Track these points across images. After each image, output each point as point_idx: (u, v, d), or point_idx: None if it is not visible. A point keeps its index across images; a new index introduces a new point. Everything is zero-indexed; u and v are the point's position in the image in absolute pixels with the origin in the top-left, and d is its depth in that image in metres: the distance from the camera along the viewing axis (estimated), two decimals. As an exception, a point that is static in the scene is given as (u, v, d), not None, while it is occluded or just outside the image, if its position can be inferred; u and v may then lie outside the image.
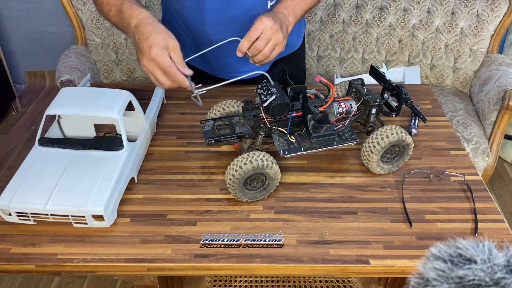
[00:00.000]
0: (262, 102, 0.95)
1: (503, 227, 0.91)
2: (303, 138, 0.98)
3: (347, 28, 2.09)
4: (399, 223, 0.91)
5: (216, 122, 1.01)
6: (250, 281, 1.50)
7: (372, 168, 1.00)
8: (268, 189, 0.96)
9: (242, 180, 0.92)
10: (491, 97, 1.85)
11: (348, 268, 0.84)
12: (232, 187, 0.93)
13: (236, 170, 0.91)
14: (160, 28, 0.95)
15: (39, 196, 0.87)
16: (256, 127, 0.98)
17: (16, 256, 0.84)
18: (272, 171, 0.93)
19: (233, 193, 0.94)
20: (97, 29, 2.06)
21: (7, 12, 2.69)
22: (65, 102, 0.99)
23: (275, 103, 0.94)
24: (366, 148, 0.99)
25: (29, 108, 2.74)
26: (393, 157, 1.02)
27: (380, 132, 0.97)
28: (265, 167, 0.92)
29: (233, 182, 0.91)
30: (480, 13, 1.98)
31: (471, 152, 1.79)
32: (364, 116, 1.04)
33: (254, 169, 0.91)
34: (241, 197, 0.95)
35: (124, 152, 0.96)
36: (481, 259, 0.42)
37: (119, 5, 1.02)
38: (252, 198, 0.96)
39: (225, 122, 1.02)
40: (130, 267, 0.84)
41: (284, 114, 0.97)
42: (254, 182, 0.95)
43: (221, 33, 1.15)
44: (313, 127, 0.97)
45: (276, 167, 0.94)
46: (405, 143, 0.98)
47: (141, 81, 2.19)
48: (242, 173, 0.90)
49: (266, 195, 0.97)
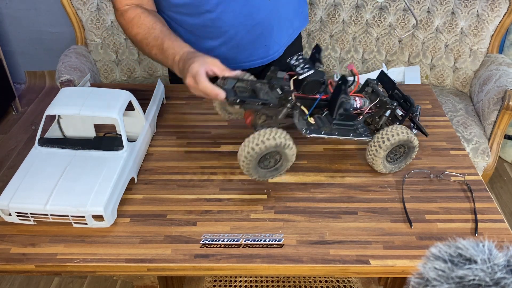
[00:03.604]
0: (298, 74, 0.91)
1: (503, 227, 0.91)
2: (323, 122, 0.96)
3: (347, 28, 2.09)
4: (399, 223, 0.91)
5: (238, 83, 0.96)
6: (250, 281, 1.50)
7: (376, 165, 1.00)
8: (280, 170, 0.95)
9: (260, 156, 0.89)
10: (491, 97, 1.84)
11: (348, 268, 0.84)
12: (247, 162, 0.90)
13: (257, 144, 0.87)
14: (200, 54, 1.03)
15: (39, 196, 0.87)
16: (283, 99, 0.94)
17: (16, 256, 0.84)
18: (290, 152, 0.91)
19: (246, 168, 0.91)
20: (97, 29, 2.06)
21: (7, 12, 2.68)
22: (65, 102, 0.99)
23: (310, 79, 0.90)
24: (375, 143, 0.97)
25: (29, 108, 2.74)
26: (397, 158, 1.02)
27: (391, 129, 0.96)
28: (286, 147, 0.89)
29: (250, 156, 0.88)
30: (480, 13, 1.98)
31: (471, 152, 1.79)
32: (376, 116, 1.02)
33: (276, 146, 0.88)
34: (252, 173, 0.92)
35: (124, 152, 0.96)
36: (481, 259, 0.42)
37: (160, 44, 1.09)
38: (262, 176, 0.94)
39: (246, 86, 0.97)
40: (130, 267, 0.84)
41: (314, 92, 0.93)
42: (267, 160, 0.93)
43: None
44: (340, 114, 0.94)
45: (295, 149, 0.92)
46: (412, 144, 0.98)
47: (141, 81, 2.19)
48: (263, 148, 0.87)
49: (276, 176, 0.95)
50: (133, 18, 1.12)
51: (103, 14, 2.04)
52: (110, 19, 2.05)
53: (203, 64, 0.98)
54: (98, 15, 2.04)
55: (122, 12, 1.14)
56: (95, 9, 2.03)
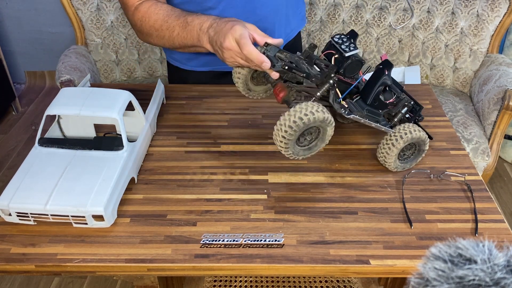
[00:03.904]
0: (343, 51, 0.89)
1: (503, 227, 0.91)
2: (355, 106, 0.95)
3: (347, 28, 2.09)
4: (399, 223, 0.91)
5: (278, 53, 0.93)
6: (250, 281, 1.50)
7: (388, 161, 0.99)
8: (312, 150, 0.93)
9: (305, 128, 0.86)
10: (491, 97, 1.85)
11: (348, 268, 0.84)
12: (291, 133, 0.85)
13: (306, 114, 0.83)
14: (234, 18, 0.97)
15: (39, 196, 0.87)
16: (327, 75, 0.91)
17: (16, 256, 0.84)
18: (330, 131, 0.90)
19: (285, 141, 0.87)
20: (97, 29, 2.06)
21: (7, 12, 2.69)
22: (65, 102, 0.99)
23: (355, 58, 0.88)
24: (391, 137, 0.96)
25: (29, 108, 2.74)
26: (404, 159, 1.02)
27: (407, 126, 0.96)
28: (330, 123, 0.87)
29: (296, 126, 0.84)
30: (480, 13, 1.98)
31: (471, 152, 1.79)
32: (392, 113, 1.01)
33: (323, 121, 0.85)
34: (289, 148, 0.89)
35: (124, 152, 0.96)
36: (481, 259, 0.42)
37: (183, 22, 1.06)
38: (296, 154, 0.92)
39: (285, 58, 0.94)
40: (130, 267, 0.84)
41: (354, 72, 0.92)
42: (303, 137, 0.91)
43: None
44: (377, 99, 0.93)
45: (333, 127, 0.90)
46: (423, 145, 0.99)
47: (141, 81, 2.19)
48: (311, 119, 0.84)
49: (307, 155, 0.94)
50: (150, 7, 1.10)
51: (103, 14, 2.04)
52: (110, 19, 2.05)
53: (244, 26, 0.92)
54: (98, 15, 2.04)
55: (136, 7, 1.12)
56: (95, 9, 2.03)
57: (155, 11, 1.10)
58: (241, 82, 1.07)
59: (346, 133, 1.14)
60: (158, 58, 2.18)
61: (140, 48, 2.14)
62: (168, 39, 1.10)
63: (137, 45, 2.12)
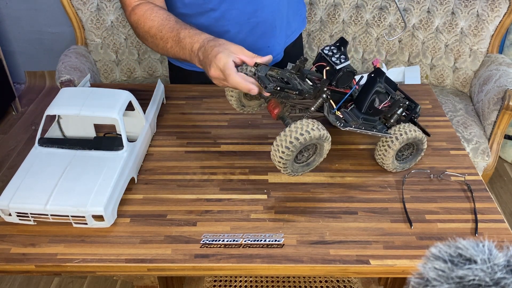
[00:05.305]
0: (333, 64, 0.89)
1: (503, 227, 0.91)
2: (350, 116, 0.95)
3: (347, 28, 2.09)
4: (399, 223, 0.91)
5: (269, 71, 0.92)
6: (250, 281, 1.50)
7: (386, 162, 0.99)
8: (311, 165, 0.94)
9: (302, 147, 0.86)
10: (491, 97, 1.84)
11: (348, 268, 0.84)
12: (289, 153, 0.86)
13: (302, 134, 0.84)
14: (222, 40, 0.96)
15: (39, 196, 0.87)
16: (318, 90, 0.91)
17: (16, 256, 0.84)
18: (327, 146, 0.90)
19: (284, 161, 0.88)
20: (97, 29, 2.06)
21: (7, 12, 2.68)
22: (65, 102, 0.99)
23: (346, 70, 0.87)
24: (387, 139, 0.97)
25: (29, 108, 2.74)
26: (403, 159, 1.02)
27: (403, 127, 0.96)
28: (326, 139, 0.87)
29: (293, 146, 0.85)
30: (480, 13, 1.98)
31: (471, 152, 1.79)
32: (388, 114, 1.01)
33: (319, 138, 0.86)
34: (288, 167, 0.90)
35: (124, 152, 0.96)
36: (481, 259, 0.42)
37: (175, 36, 1.04)
38: (295, 171, 0.93)
39: (276, 75, 0.93)
40: (130, 267, 0.84)
41: (346, 84, 0.91)
42: (301, 154, 0.91)
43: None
44: (371, 107, 0.93)
45: (330, 142, 0.90)
46: (420, 144, 0.99)
47: (141, 81, 2.19)
48: (307, 138, 0.84)
49: (306, 172, 0.94)
50: (146, 11, 1.10)
51: (103, 14, 2.04)
52: (110, 19, 2.05)
53: (229, 54, 0.91)
54: (98, 15, 2.04)
55: (133, 8, 1.11)
56: (95, 9, 2.03)
57: (150, 17, 1.09)
58: (234, 100, 1.07)
59: (346, 133, 1.14)
60: (158, 58, 2.18)
61: (140, 48, 2.14)
62: (162, 48, 1.10)
63: (137, 45, 2.12)
